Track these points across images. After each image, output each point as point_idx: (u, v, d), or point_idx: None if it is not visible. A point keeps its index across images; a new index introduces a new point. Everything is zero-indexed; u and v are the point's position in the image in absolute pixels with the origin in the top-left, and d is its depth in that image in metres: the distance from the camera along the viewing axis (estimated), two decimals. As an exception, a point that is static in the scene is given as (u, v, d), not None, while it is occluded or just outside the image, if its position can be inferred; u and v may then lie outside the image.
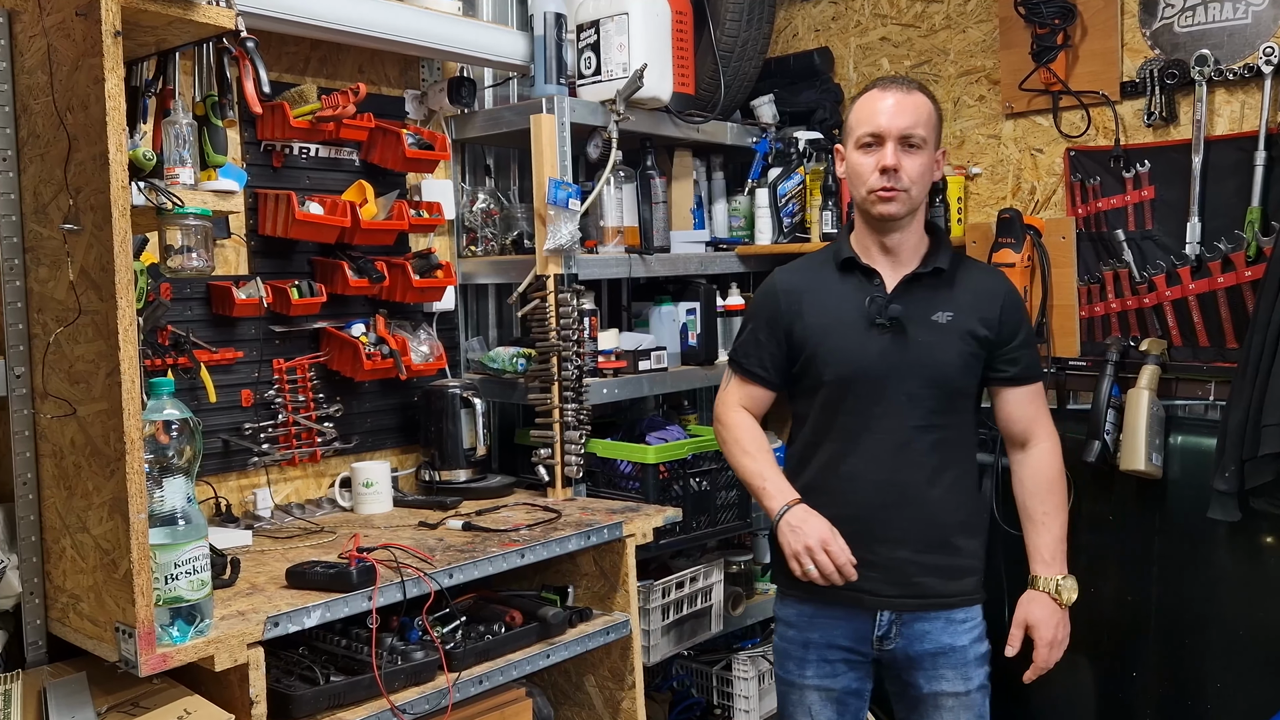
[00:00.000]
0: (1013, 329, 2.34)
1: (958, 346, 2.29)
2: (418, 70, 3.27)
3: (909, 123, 2.25)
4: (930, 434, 2.29)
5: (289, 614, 2.09)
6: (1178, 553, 2.92)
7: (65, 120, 1.92)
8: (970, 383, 2.34)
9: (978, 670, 2.35)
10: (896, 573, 2.30)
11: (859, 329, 2.31)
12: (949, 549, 2.32)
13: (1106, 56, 3.10)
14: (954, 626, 2.33)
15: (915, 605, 2.31)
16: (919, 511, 2.29)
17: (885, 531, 2.30)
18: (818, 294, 2.38)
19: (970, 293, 2.33)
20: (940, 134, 2.34)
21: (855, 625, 2.35)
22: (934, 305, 2.30)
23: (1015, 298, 2.38)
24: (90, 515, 1.97)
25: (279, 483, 2.93)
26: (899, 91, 2.28)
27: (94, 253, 1.90)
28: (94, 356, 1.93)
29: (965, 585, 2.35)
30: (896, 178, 2.24)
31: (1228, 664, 2.83)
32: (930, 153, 2.29)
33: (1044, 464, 2.39)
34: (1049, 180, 3.27)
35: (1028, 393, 2.38)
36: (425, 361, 3.08)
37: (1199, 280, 2.92)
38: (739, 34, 3.43)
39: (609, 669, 2.81)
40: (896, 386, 2.28)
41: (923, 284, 2.32)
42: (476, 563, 2.42)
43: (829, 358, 2.33)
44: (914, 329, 2.28)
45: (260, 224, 2.84)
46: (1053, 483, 2.38)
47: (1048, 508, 2.37)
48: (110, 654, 1.94)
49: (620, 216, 3.27)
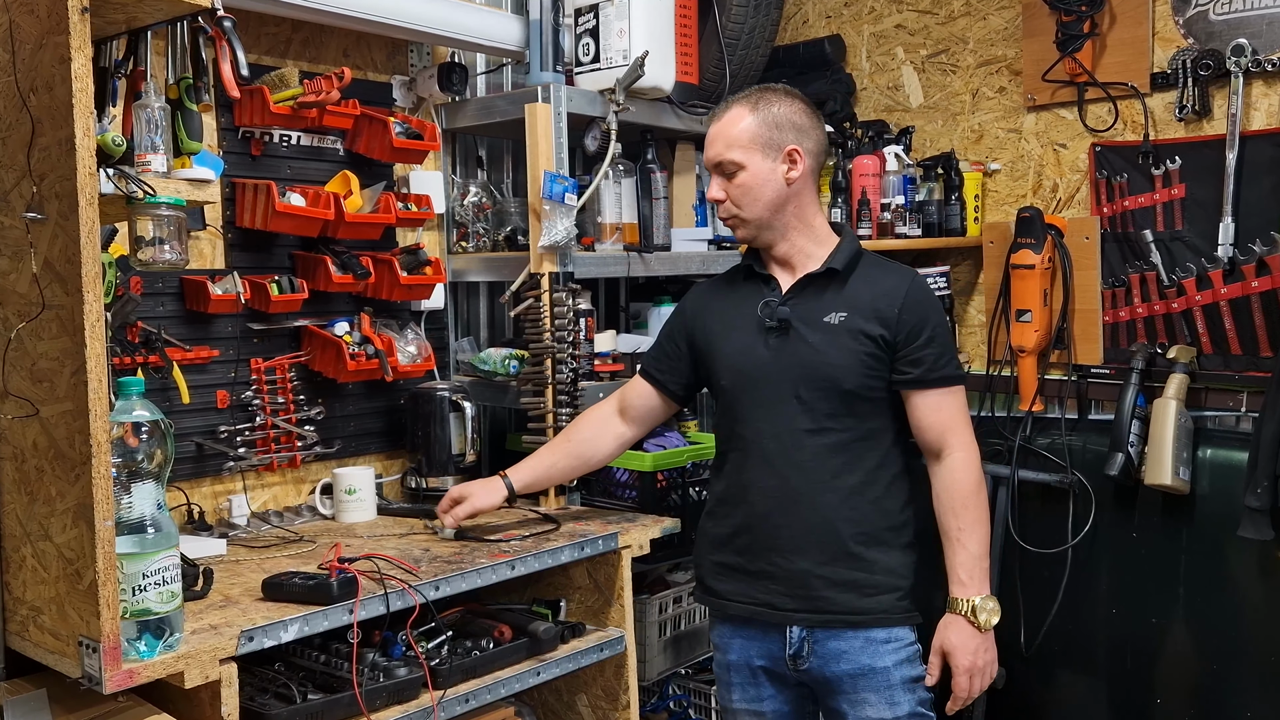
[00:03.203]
0: (915, 328, 2.30)
1: (849, 346, 2.29)
2: (406, 55, 3.26)
3: (716, 151, 2.37)
4: (824, 437, 2.29)
5: (264, 628, 2.08)
6: (1206, 573, 2.90)
7: (29, 102, 1.91)
8: (869, 385, 2.31)
9: (906, 696, 2.31)
10: (796, 585, 2.32)
11: (751, 333, 2.37)
12: (854, 561, 2.31)
13: (1136, 46, 3.08)
14: (874, 647, 2.31)
15: (822, 621, 2.31)
16: (813, 519, 2.30)
17: (779, 540, 2.32)
18: (721, 303, 2.49)
19: (869, 292, 2.33)
20: (776, 134, 2.33)
21: (767, 643, 2.38)
22: (827, 306, 2.33)
23: (919, 296, 2.34)
24: (53, 522, 1.95)
25: (256, 489, 2.92)
26: (714, 119, 2.40)
27: (59, 243, 1.88)
28: (58, 354, 1.91)
29: (881, 603, 2.32)
30: (722, 208, 2.39)
31: (1259, 692, 2.81)
32: (754, 167, 2.33)
33: (958, 476, 2.33)
34: (1072, 177, 3.25)
35: (936, 398, 2.32)
36: (412, 362, 3.07)
37: (1231, 284, 2.90)
38: (745, 20, 3.41)
39: (602, 687, 2.80)
40: (787, 390, 2.32)
41: (816, 286, 2.36)
42: (464, 574, 2.41)
43: (723, 362, 2.42)
44: (805, 330, 2.32)
45: (238, 215, 2.83)
46: (968, 497, 2.33)
47: (963, 523, 2.32)
48: (73, 670, 1.92)
49: (619, 212, 3.26)
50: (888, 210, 3.33)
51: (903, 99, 3.63)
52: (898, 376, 2.33)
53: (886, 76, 3.65)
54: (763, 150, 2.33)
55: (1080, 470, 3.08)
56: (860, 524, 2.31)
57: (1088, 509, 3.06)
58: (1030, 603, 3.15)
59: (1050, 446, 3.15)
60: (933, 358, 2.32)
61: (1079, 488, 3.08)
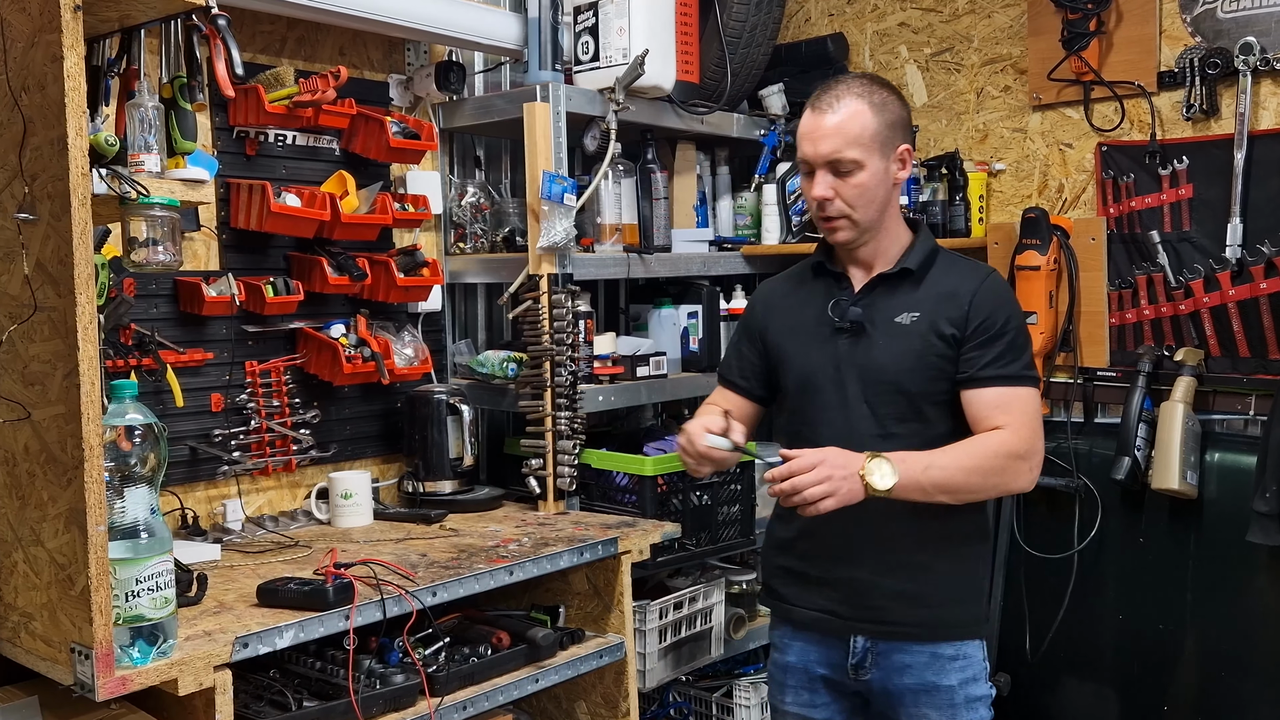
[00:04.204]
0: (982, 324, 2.23)
1: (918, 348, 2.25)
2: (403, 53, 3.26)
3: (832, 148, 2.23)
4: (891, 443, 2.21)
5: (259, 634, 2.08)
6: (1214, 578, 2.90)
7: (20, 101, 1.90)
8: (939, 388, 2.26)
9: (969, 713, 2.28)
10: (857, 594, 2.29)
11: (821, 334, 2.33)
12: (916, 573, 2.27)
13: (1143, 44, 3.08)
14: (940, 663, 2.28)
15: (885, 633, 2.29)
16: (875, 528, 2.25)
17: (841, 548, 2.29)
18: (791, 301, 2.43)
19: (940, 291, 2.29)
20: (892, 134, 2.26)
21: (829, 651, 2.35)
22: (899, 306, 2.29)
23: (990, 294, 2.27)
24: (45, 527, 1.95)
25: (251, 493, 2.91)
26: (825, 111, 2.24)
27: (51, 244, 1.88)
28: (50, 356, 1.91)
29: (944, 616, 2.28)
30: (829, 206, 2.26)
31: (1270, 700, 2.81)
32: (873, 169, 2.23)
33: (992, 435, 2.20)
34: (1079, 177, 3.26)
35: (991, 397, 2.22)
36: (409, 365, 3.07)
37: (1240, 286, 2.90)
38: (747, 18, 3.41)
39: (602, 694, 2.79)
40: (854, 392, 2.28)
41: (888, 285, 2.32)
42: (462, 580, 2.41)
43: (790, 363, 2.38)
44: (875, 331, 2.28)
45: (232, 216, 2.83)
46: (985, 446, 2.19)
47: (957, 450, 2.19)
48: (65, 677, 1.92)
49: (618, 213, 3.26)
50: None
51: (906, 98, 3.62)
52: (960, 374, 2.24)
53: (890, 75, 3.64)
54: (881, 150, 2.25)
55: (1086, 474, 3.09)
56: (926, 533, 2.26)
57: (1094, 514, 3.07)
58: (1036, 609, 3.15)
59: (1056, 450, 3.15)
60: (995, 354, 2.22)
61: (1085, 492, 3.08)
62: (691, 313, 3.43)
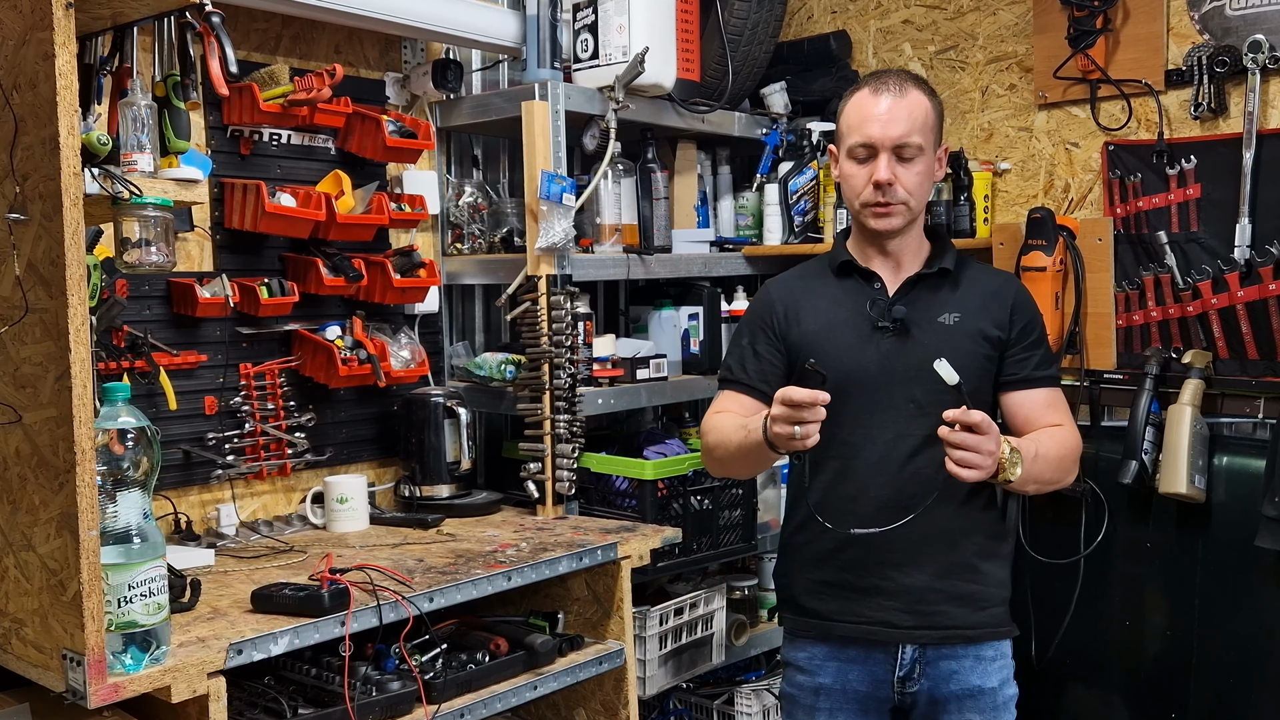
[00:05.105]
0: (1025, 327, 2.33)
1: (967, 348, 2.28)
2: (399, 51, 3.26)
3: (903, 131, 2.23)
4: (938, 445, 2.18)
5: (254, 640, 2.08)
6: (1222, 584, 2.90)
7: (11, 100, 1.91)
8: (983, 388, 2.31)
9: (1006, 716, 2.33)
10: (915, 601, 2.28)
11: (860, 333, 2.31)
12: (971, 573, 2.30)
13: (1150, 42, 3.08)
14: (983, 665, 2.30)
15: (939, 639, 2.29)
16: (931, 531, 2.24)
17: (894, 554, 2.27)
18: (815, 300, 2.38)
19: (979, 293, 2.34)
20: (941, 131, 2.34)
21: (873, 667, 2.32)
22: (940, 306, 2.31)
23: (1026, 297, 2.39)
24: (36, 532, 1.95)
25: (245, 498, 2.91)
26: (892, 94, 2.25)
27: (42, 245, 1.88)
28: (42, 359, 1.91)
29: (992, 615, 2.32)
30: (892, 192, 2.24)
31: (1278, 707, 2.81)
32: (929, 158, 2.28)
33: (1066, 432, 2.33)
34: (1085, 177, 3.25)
35: (1044, 395, 2.34)
36: (406, 368, 3.07)
37: (1248, 287, 2.90)
38: (749, 15, 3.41)
39: (601, 702, 2.79)
40: (901, 393, 2.26)
41: (927, 285, 2.33)
42: (459, 586, 2.41)
43: (827, 362, 2.27)
44: (919, 331, 2.28)
45: (226, 216, 2.83)
46: (1068, 443, 2.31)
47: (1053, 440, 2.28)
48: (57, 684, 1.92)
49: (618, 213, 3.26)
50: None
51: (910, 96, 3.62)
52: (1007, 377, 2.32)
53: (893, 73, 3.64)
54: (933, 142, 2.30)
55: (1093, 478, 3.08)
56: (975, 534, 2.30)
57: (1100, 518, 3.06)
58: (1042, 615, 3.15)
59: (1062, 454, 3.15)
60: (1039, 357, 2.34)
61: (1092, 496, 3.08)
62: (692, 314, 3.43)
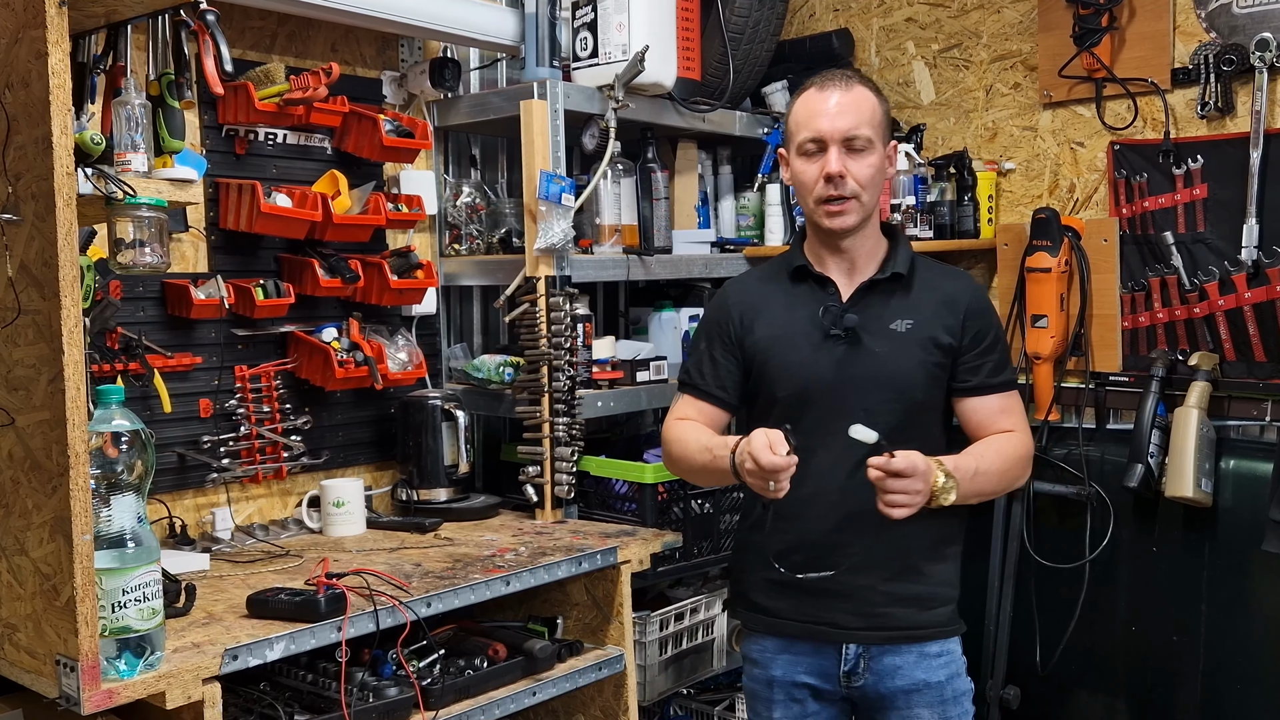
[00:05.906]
0: (978, 333, 2.33)
1: (918, 356, 2.30)
2: (396, 50, 3.26)
3: (851, 123, 2.25)
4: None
5: (249, 646, 2.08)
6: (1229, 589, 2.90)
7: (4, 99, 1.91)
8: (935, 395, 2.34)
9: (956, 709, 2.35)
10: (862, 602, 2.31)
11: (813, 341, 2.33)
12: (917, 576, 2.33)
13: (1156, 40, 3.08)
14: (927, 661, 2.33)
15: (883, 638, 2.32)
16: (882, 535, 2.26)
17: (843, 557, 2.29)
18: (770, 305, 2.41)
19: (932, 299, 2.34)
20: (889, 129, 2.36)
21: (820, 660, 2.37)
22: (893, 313, 2.32)
23: (981, 301, 2.39)
24: (29, 536, 1.95)
25: (240, 501, 2.91)
26: (838, 89, 2.28)
27: (35, 246, 1.88)
28: (35, 361, 1.91)
29: (938, 616, 2.35)
30: (843, 184, 2.26)
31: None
32: (879, 153, 2.30)
33: (1012, 439, 2.33)
34: (1090, 177, 3.26)
35: (999, 401, 2.35)
36: (403, 370, 3.07)
37: (1256, 288, 2.90)
38: (750, 13, 3.42)
39: (601, 708, 2.79)
40: (854, 401, 2.27)
41: (880, 291, 2.34)
42: (457, 591, 2.41)
43: (781, 372, 2.35)
44: (871, 339, 2.30)
45: (221, 217, 2.83)
46: (1011, 450, 2.31)
47: (990, 450, 2.29)
48: (50, 689, 1.92)
49: (618, 214, 3.26)
50: (898, 211, 3.33)
51: (913, 95, 3.63)
52: (956, 384, 2.34)
53: (897, 72, 3.65)
54: (882, 138, 2.31)
55: (1098, 482, 3.08)
56: (923, 537, 2.31)
57: (1106, 522, 3.06)
58: (1047, 620, 3.15)
59: (1067, 457, 3.15)
60: (992, 364, 2.34)
61: (1097, 500, 3.08)
62: (693, 316, 3.44)
